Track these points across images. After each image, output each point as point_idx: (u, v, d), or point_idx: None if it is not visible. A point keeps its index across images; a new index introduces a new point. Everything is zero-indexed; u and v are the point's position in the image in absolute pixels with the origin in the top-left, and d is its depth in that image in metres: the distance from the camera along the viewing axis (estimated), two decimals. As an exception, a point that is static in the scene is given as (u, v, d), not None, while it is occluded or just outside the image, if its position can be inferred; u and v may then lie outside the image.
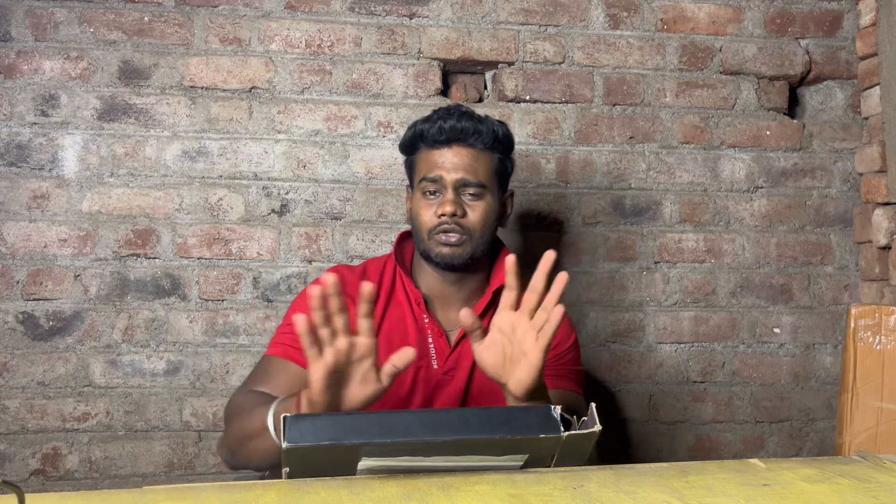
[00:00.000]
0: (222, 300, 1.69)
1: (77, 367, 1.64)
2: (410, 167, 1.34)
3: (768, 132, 1.86)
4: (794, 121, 1.88)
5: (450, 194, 1.25)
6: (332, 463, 0.78)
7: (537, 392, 0.96)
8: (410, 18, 1.76)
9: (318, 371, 0.88)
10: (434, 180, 1.26)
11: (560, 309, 0.93)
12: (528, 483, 0.76)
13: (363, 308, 0.91)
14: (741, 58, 1.85)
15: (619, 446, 1.80)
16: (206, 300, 1.68)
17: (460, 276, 1.30)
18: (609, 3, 1.81)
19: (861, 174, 1.86)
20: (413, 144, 1.31)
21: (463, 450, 0.79)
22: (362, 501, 0.70)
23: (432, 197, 1.27)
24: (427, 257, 1.28)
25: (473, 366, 1.27)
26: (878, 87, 1.80)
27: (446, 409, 1.22)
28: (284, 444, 0.75)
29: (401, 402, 1.25)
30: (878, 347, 1.47)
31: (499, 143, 1.30)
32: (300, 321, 0.87)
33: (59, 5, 1.66)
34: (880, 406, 1.45)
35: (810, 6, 1.88)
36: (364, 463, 0.78)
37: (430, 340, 1.27)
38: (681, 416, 1.82)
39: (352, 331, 1.24)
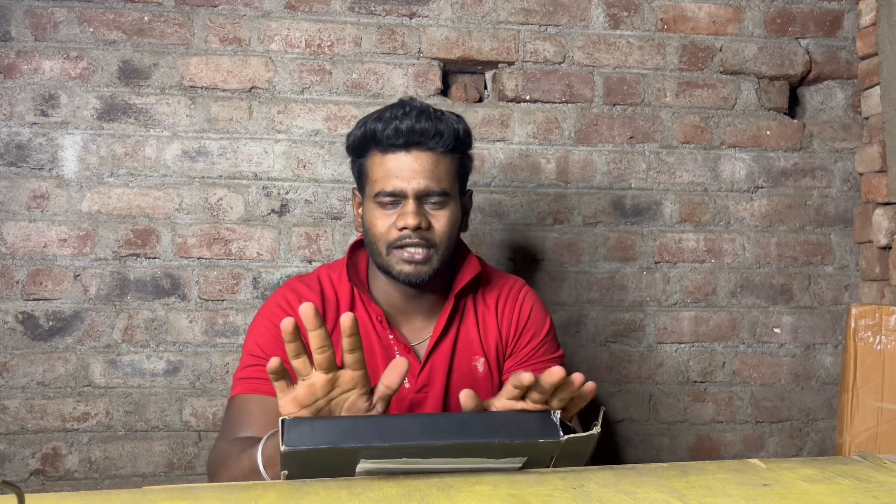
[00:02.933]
0: (222, 300, 1.69)
1: (77, 367, 1.64)
2: (360, 171, 1.19)
3: (768, 132, 1.86)
4: (795, 121, 1.88)
5: (411, 205, 1.12)
6: (331, 466, 0.78)
7: None
8: (410, 18, 1.75)
9: (287, 406, 0.82)
10: (392, 193, 1.13)
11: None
12: (528, 483, 0.76)
13: (347, 342, 0.81)
14: (741, 58, 1.85)
15: (619, 446, 1.80)
16: (206, 300, 1.68)
17: (422, 288, 1.20)
18: (609, 3, 1.81)
19: (861, 174, 1.86)
20: (363, 146, 1.17)
21: (462, 453, 0.78)
22: (362, 502, 0.70)
23: (390, 207, 1.14)
24: (387, 272, 1.17)
25: (448, 382, 1.21)
26: (878, 87, 1.80)
27: (445, 413, 1.16)
28: (283, 448, 0.75)
29: None
30: (878, 347, 1.47)
31: (460, 142, 1.17)
32: (273, 365, 0.80)
33: (59, 5, 1.66)
34: (880, 406, 1.45)
35: (810, 6, 1.88)
36: (362, 465, 0.78)
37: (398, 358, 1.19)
38: (681, 416, 1.82)
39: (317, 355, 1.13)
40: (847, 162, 1.88)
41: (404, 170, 1.12)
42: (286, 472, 0.78)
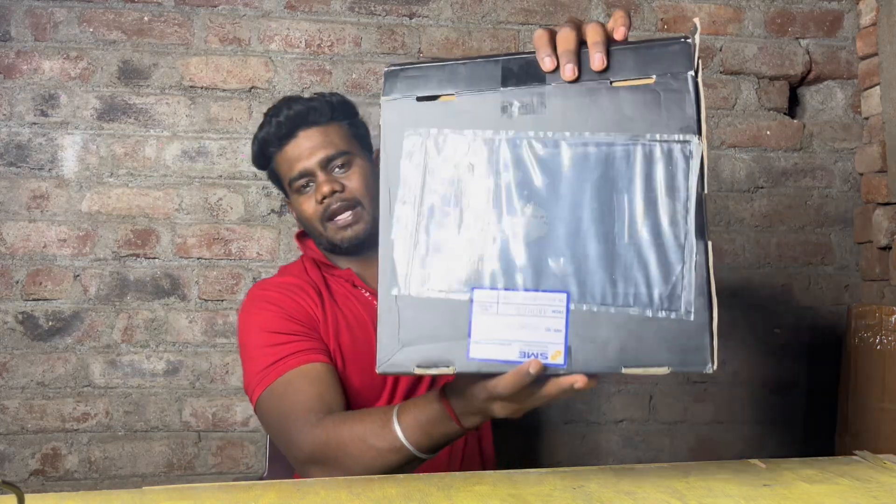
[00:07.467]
0: (222, 300, 1.69)
1: (77, 368, 1.64)
2: (275, 178, 1.29)
3: (768, 132, 1.86)
4: (795, 121, 1.88)
5: (321, 176, 1.20)
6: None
7: None
8: (410, 18, 1.75)
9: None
10: (301, 175, 1.22)
11: None
12: (528, 483, 0.76)
13: None
14: (741, 58, 1.85)
15: (619, 446, 1.80)
16: (205, 300, 1.68)
17: (371, 252, 1.11)
18: (609, 3, 1.81)
19: (861, 174, 1.86)
20: (264, 155, 1.27)
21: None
22: (362, 501, 0.70)
23: (307, 190, 1.23)
24: (334, 247, 1.24)
25: None
26: (878, 87, 1.80)
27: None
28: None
29: (377, 388, 1.18)
30: (878, 347, 1.46)
31: (338, 111, 1.26)
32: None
33: (58, 5, 1.66)
34: (880, 406, 1.45)
35: (810, 6, 1.88)
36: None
37: None
38: (681, 416, 1.82)
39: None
40: (847, 162, 1.88)
41: (301, 150, 1.22)
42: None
